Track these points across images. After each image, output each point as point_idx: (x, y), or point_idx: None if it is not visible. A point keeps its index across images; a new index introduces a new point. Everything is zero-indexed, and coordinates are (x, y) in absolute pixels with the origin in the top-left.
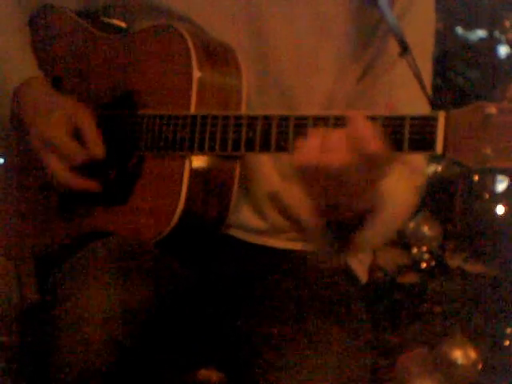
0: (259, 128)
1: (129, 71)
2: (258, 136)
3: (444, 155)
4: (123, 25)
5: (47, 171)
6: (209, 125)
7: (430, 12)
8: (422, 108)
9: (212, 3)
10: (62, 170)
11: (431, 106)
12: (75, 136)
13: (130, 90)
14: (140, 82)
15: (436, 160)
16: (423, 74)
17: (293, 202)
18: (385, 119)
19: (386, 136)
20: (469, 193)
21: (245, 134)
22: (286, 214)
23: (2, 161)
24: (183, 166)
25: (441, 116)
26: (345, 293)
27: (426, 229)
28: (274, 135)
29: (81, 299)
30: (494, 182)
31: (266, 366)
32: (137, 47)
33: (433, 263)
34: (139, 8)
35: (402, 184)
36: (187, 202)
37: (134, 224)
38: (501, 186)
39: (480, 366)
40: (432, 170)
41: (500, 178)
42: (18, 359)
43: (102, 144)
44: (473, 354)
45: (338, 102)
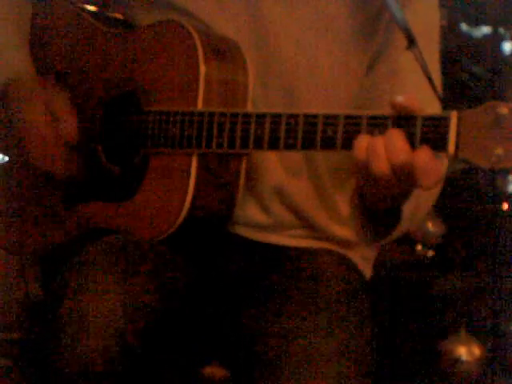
0: (267, 126)
1: (134, 67)
2: (267, 134)
3: (456, 155)
4: (121, 17)
5: (30, 156)
6: (216, 122)
7: (432, 1)
8: (430, 101)
9: (213, 0)
10: (41, 152)
11: (440, 100)
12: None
13: (136, 86)
14: (146, 78)
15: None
16: (430, 66)
17: (298, 197)
18: (396, 119)
19: None
20: (472, 189)
21: (253, 132)
22: (291, 209)
23: (7, 158)
24: (190, 163)
25: (453, 116)
26: (349, 289)
27: (429, 225)
28: (282, 133)
29: (84, 297)
30: (504, 182)
31: (269, 363)
32: (142, 43)
33: (437, 260)
34: (140, 2)
35: None
36: (194, 199)
37: (140, 221)
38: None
39: (484, 363)
40: None
41: (511, 178)
42: (23, 356)
43: (72, 121)
44: (477, 351)
45: (343, 97)
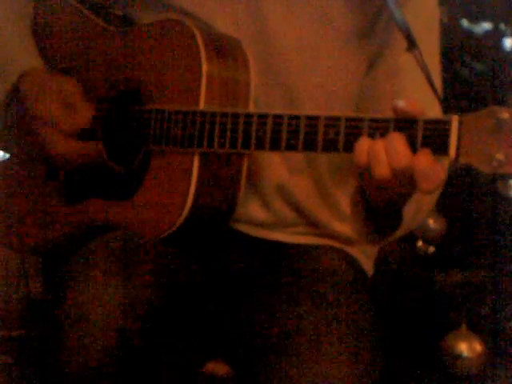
0: (269, 127)
1: (136, 65)
2: (268, 135)
3: (457, 159)
4: (120, 13)
5: (45, 145)
6: (218, 122)
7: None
8: (430, 101)
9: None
10: (57, 139)
11: (440, 101)
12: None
13: (138, 85)
14: (148, 77)
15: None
16: (430, 67)
17: (300, 195)
18: (397, 122)
19: None
20: (473, 185)
21: (255, 132)
22: (293, 207)
23: (8, 156)
24: (192, 162)
25: (454, 120)
26: (351, 285)
27: (430, 222)
28: (284, 134)
29: (85, 296)
30: (506, 187)
31: (271, 359)
32: (144, 41)
33: (438, 256)
34: (139, 2)
35: None
36: (196, 198)
37: (142, 219)
38: None
39: (485, 359)
40: None
41: None
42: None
43: (88, 108)
44: (478, 347)
45: (342, 97)
